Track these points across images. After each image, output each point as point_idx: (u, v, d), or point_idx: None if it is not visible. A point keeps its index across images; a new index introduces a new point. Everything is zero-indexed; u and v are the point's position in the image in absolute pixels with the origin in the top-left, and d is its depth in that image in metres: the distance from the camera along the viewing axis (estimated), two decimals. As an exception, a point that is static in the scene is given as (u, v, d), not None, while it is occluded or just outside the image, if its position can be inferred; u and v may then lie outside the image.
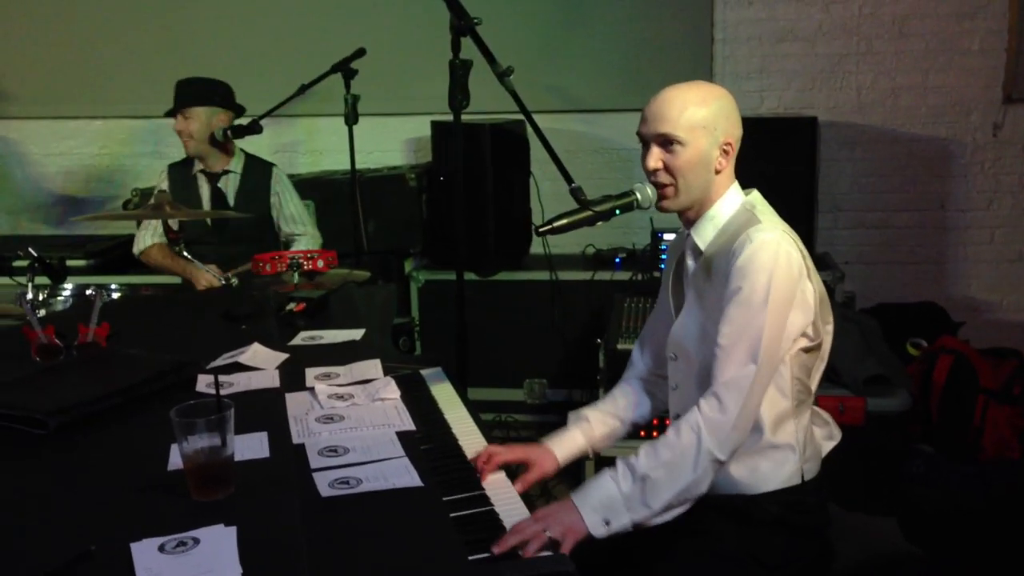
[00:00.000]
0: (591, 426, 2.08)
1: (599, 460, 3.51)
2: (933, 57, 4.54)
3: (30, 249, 3.24)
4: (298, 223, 3.82)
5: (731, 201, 1.90)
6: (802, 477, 1.91)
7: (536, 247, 4.53)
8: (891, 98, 4.60)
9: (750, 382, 1.75)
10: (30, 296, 3.19)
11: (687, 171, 1.84)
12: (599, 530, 1.69)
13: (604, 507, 1.71)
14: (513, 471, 1.88)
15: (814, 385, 1.95)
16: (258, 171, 3.80)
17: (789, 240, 1.81)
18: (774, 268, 1.76)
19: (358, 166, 3.92)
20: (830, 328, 1.93)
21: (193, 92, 3.67)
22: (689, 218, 1.93)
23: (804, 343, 1.87)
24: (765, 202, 1.93)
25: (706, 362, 1.83)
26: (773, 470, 1.88)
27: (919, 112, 4.59)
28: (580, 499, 1.72)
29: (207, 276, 3.46)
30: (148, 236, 3.78)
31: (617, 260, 4.42)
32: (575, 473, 3.73)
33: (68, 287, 3.36)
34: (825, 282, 1.96)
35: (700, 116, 1.83)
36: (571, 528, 1.66)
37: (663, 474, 1.72)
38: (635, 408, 2.14)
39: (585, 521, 1.69)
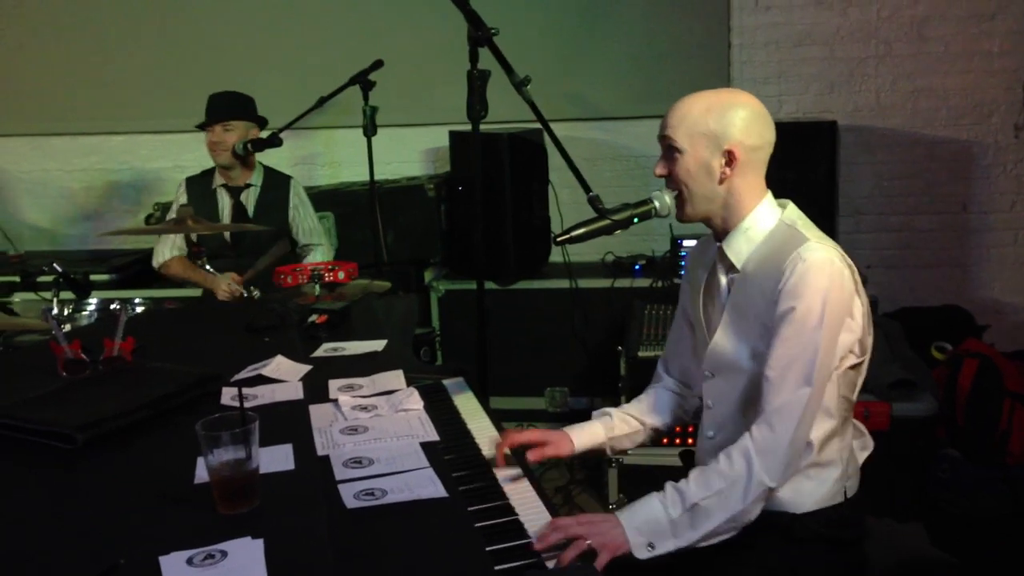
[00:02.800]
0: (612, 422, 2.07)
1: (621, 468, 3.54)
2: (953, 59, 4.52)
3: (55, 264, 3.28)
4: (314, 235, 3.86)
5: (766, 215, 1.85)
6: (844, 494, 1.88)
7: (555, 255, 4.54)
8: (911, 101, 4.58)
9: (803, 407, 1.72)
10: (55, 311, 3.22)
11: (687, 179, 1.83)
12: (642, 552, 1.68)
13: (650, 530, 1.69)
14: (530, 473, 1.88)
15: (855, 399, 1.91)
16: (277, 184, 3.83)
17: (841, 258, 1.77)
18: (829, 289, 1.72)
19: (377, 177, 3.94)
20: (871, 340, 1.88)
21: (234, 105, 3.71)
22: (717, 229, 1.90)
23: (852, 360, 1.83)
24: (804, 216, 1.88)
25: (754, 381, 1.80)
26: (816, 488, 1.85)
27: (940, 114, 4.57)
28: (626, 518, 1.71)
29: (226, 284, 3.48)
30: (167, 249, 3.81)
31: (637, 267, 4.41)
32: (597, 482, 3.74)
33: (93, 302, 3.40)
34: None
35: (700, 124, 1.80)
36: (611, 543, 1.65)
37: (713, 502, 1.70)
38: (658, 414, 2.12)
39: (629, 541, 1.67)
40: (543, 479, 3.61)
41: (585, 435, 2.03)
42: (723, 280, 1.90)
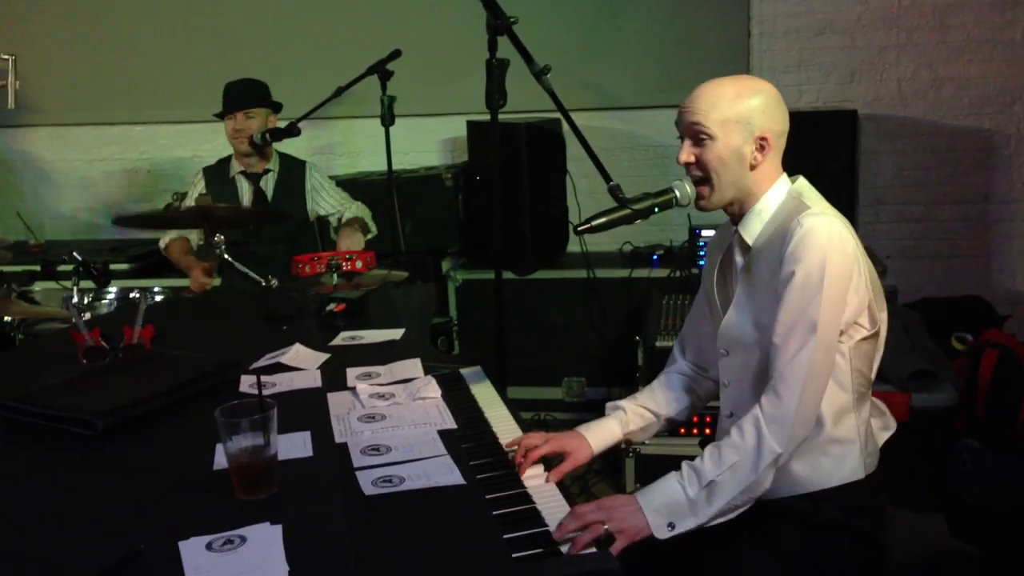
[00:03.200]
0: (627, 416, 2.07)
1: (638, 459, 3.54)
2: (975, 48, 4.47)
3: (75, 253, 3.30)
4: (341, 203, 3.86)
5: (777, 193, 1.87)
6: (864, 472, 1.88)
7: (573, 245, 4.53)
8: (933, 89, 4.54)
9: (805, 371, 1.72)
10: (76, 299, 3.25)
11: (718, 166, 1.83)
12: (663, 532, 1.69)
13: (670, 510, 1.71)
14: (549, 461, 1.88)
15: (873, 376, 1.92)
16: (293, 169, 3.85)
17: (841, 223, 1.78)
18: (828, 250, 1.73)
19: (395, 167, 3.94)
20: (885, 316, 1.89)
21: (253, 92, 3.72)
22: (734, 213, 1.91)
23: (863, 332, 1.83)
24: (812, 188, 1.90)
25: (764, 355, 1.81)
26: (835, 466, 1.85)
27: (961, 103, 4.53)
28: (645, 500, 1.72)
29: (198, 277, 3.49)
30: (173, 231, 3.83)
31: (655, 257, 4.40)
32: (615, 471, 3.74)
33: (112, 290, 3.42)
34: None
35: (732, 111, 1.80)
36: (631, 528, 1.66)
37: (727, 476, 1.72)
38: (672, 403, 2.12)
39: (649, 523, 1.69)
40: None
41: (601, 435, 2.03)
42: (739, 260, 1.92)
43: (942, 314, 4.11)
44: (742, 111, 1.80)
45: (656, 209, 1.92)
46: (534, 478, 1.80)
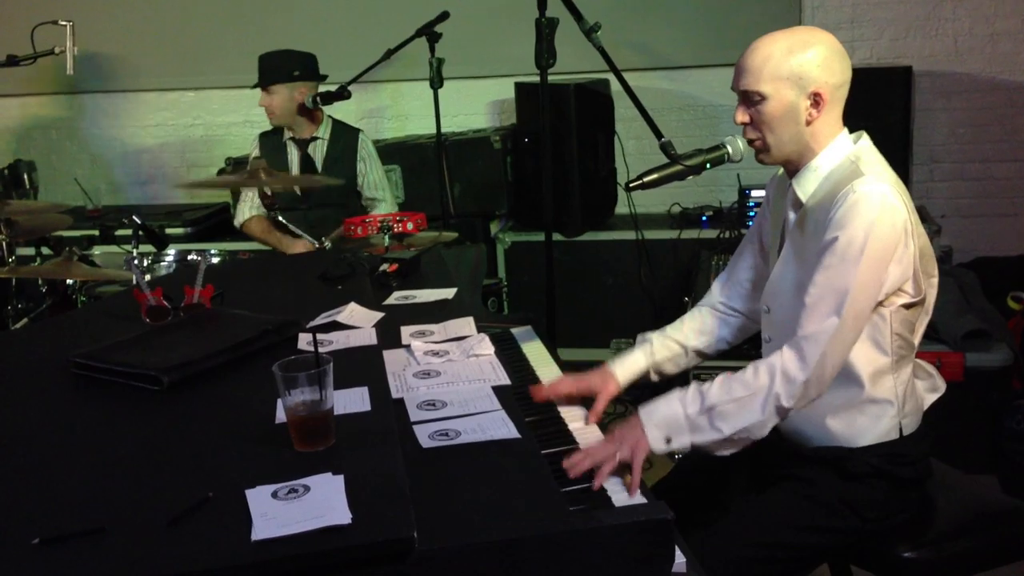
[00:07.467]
0: (653, 347, 2.11)
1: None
2: (1034, 0, 4.36)
3: (134, 217, 3.38)
4: (379, 189, 3.90)
5: (836, 151, 1.84)
6: (900, 432, 1.89)
7: (622, 207, 4.52)
8: (989, 45, 4.43)
9: (829, 336, 1.73)
10: (137, 261, 3.33)
11: (773, 125, 1.81)
12: (659, 446, 1.75)
13: (667, 425, 1.76)
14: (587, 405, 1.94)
15: (917, 340, 1.91)
16: (345, 137, 3.88)
17: (895, 194, 1.76)
18: (875, 221, 1.71)
19: (443, 130, 3.96)
20: (935, 281, 1.88)
21: (273, 69, 3.74)
22: (790, 170, 1.90)
23: (905, 299, 1.82)
24: (874, 151, 1.87)
25: (799, 315, 1.82)
26: (870, 425, 1.86)
27: (1019, 58, 4.42)
28: (645, 415, 1.78)
29: (301, 245, 3.56)
30: (247, 208, 3.89)
31: (704, 218, 4.38)
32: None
33: (171, 253, 3.50)
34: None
35: (784, 67, 1.77)
36: (637, 444, 1.72)
37: (731, 408, 1.75)
38: (700, 336, 2.15)
39: (648, 437, 1.74)
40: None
41: (628, 368, 2.08)
42: (791, 216, 1.91)
43: (998, 273, 4.06)
44: (794, 67, 1.77)
45: (708, 165, 1.92)
46: (575, 421, 1.86)
